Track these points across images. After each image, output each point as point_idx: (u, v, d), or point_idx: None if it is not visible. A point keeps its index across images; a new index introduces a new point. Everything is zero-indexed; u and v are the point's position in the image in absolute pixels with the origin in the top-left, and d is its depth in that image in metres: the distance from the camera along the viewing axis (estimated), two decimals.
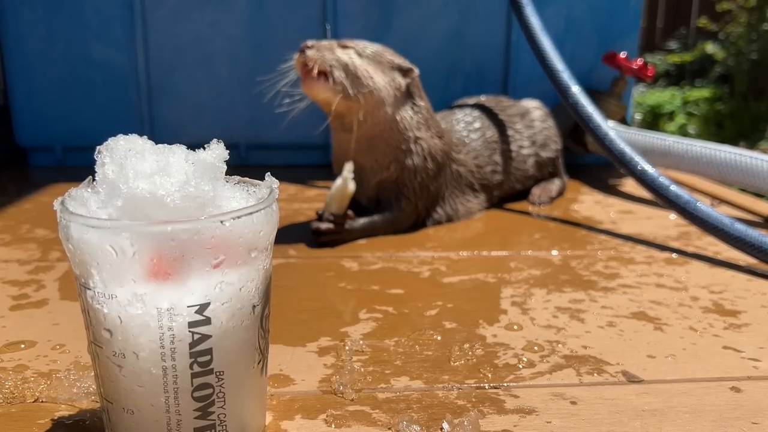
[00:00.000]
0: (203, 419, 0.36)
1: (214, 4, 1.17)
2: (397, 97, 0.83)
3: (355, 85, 0.79)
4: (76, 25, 1.16)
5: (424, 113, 0.85)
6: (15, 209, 0.96)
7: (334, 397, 0.47)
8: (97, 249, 0.33)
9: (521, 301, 0.65)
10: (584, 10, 1.21)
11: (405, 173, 0.84)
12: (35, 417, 0.44)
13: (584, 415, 0.45)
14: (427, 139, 0.85)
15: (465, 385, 0.49)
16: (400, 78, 0.83)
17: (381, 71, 0.82)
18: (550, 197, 1.02)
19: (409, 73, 0.84)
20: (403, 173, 0.84)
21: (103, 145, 0.37)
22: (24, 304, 0.62)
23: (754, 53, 2.91)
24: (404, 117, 0.83)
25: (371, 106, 0.81)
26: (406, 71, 0.84)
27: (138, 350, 0.35)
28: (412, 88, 0.85)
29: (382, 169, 0.85)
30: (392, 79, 0.82)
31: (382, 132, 0.83)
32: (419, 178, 0.85)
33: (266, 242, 0.37)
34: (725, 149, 0.96)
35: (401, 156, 0.84)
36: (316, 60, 0.79)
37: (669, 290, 0.68)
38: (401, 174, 0.84)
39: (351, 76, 0.79)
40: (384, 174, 0.85)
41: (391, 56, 0.84)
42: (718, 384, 0.50)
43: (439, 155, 0.86)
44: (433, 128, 0.86)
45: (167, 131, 1.20)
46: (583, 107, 0.91)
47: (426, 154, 0.85)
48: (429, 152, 0.85)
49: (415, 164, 0.84)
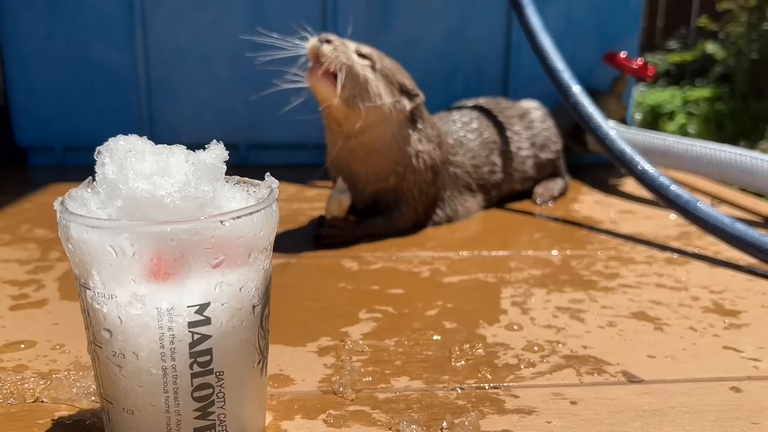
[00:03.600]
0: (203, 419, 0.36)
1: (213, 4, 1.17)
2: (399, 119, 0.82)
3: (360, 97, 0.78)
4: (75, 24, 1.16)
5: (426, 129, 0.85)
6: (15, 209, 0.96)
7: (334, 397, 0.47)
8: (97, 249, 0.33)
9: (521, 301, 0.65)
10: (584, 10, 1.21)
11: (404, 183, 0.84)
12: (35, 417, 0.44)
13: (584, 415, 0.45)
14: (428, 151, 0.84)
15: (465, 386, 0.49)
16: (406, 101, 0.82)
17: (390, 91, 0.80)
18: (552, 196, 1.02)
19: (415, 98, 0.83)
20: (401, 183, 0.84)
21: (103, 146, 0.37)
22: (24, 304, 0.62)
23: (754, 53, 2.91)
24: (405, 136, 0.82)
25: (372, 121, 0.80)
26: (412, 96, 0.83)
27: (138, 350, 0.35)
28: (415, 112, 0.84)
29: (380, 181, 0.84)
30: (398, 101, 0.81)
31: (381, 148, 0.82)
32: (418, 187, 0.85)
33: (266, 242, 0.37)
34: (725, 149, 0.96)
35: (401, 170, 0.83)
36: (331, 59, 0.76)
37: (669, 290, 0.68)
38: (400, 184, 0.84)
39: (359, 87, 0.78)
40: (381, 185, 0.84)
41: (402, 77, 0.83)
42: (719, 384, 0.50)
43: (438, 163, 0.86)
44: (435, 139, 0.86)
45: (167, 131, 1.20)
46: (584, 107, 0.91)
47: (428, 166, 0.85)
48: (431, 164, 0.85)
49: (415, 177, 0.84)
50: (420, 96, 0.84)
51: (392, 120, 0.81)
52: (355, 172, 0.84)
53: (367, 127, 0.80)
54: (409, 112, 0.83)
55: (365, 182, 0.84)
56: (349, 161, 0.84)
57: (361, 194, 0.86)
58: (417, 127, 0.84)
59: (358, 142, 0.81)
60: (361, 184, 0.85)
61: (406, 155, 0.83)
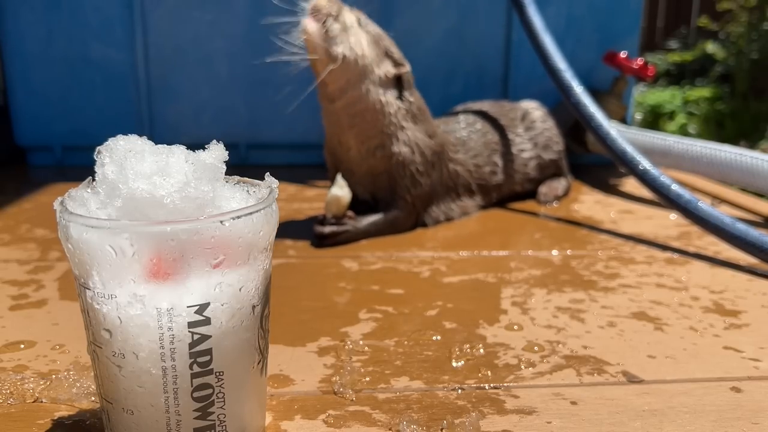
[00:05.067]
0: (203, 419, 0.36)
1: (213, 4, 1.17)
2: (382, 79, 0.82)
3: (343, 44, 0.80)
4: (75, 24, 1.16)
5: (413, 109, 0.85)
6: (14, 209, 0.96)
7: (334, 398, 0.47)
8: (97, 249, 0.33)
9: (521, 301, 0.65)
10: (585, 10, 1.21)
11: (393, 164, 0.84)
12: (35, 417, 0.44)
13: (584, 415, 0.45)
14: (414, 131, 0.85)
15: (465, 386, 0.49)
16: (390, 66, 0.83)
17: (374, 49, 0.82)
18: (556, 196, 1.02)
19: (400, 67, 0.84)
20: (390, 163, 0.84)
21: (102, 146, 0.37)
22: (23, 304, 0.62)
23: (754, 52, 2.91)
24: (389, 101, 0.83)
25: (353, 74, 0.81)
26: (398, 64, 0.84)
27: (137, 350, 0.34)
28: (402, 81, 0.84)
29: (369, 155, 0.84)
30: (382, 61, 0.83)
31: (364, 110, 0.82)
32: (408, 172, 0.84)
33: (266, 242, 0.37)
34: (726, 149, 0.96)
35: (387, 141, 0.83)
36: (322, 7, 0.80)
37: (669, 290, 0.68)
38: (389, 164, 0.84)
39: (344, 35, 0.80)
40: (371, 161, 0.84)
41: (389, 44, 0.85)
42: (719, 384, 0.49)
43: (428, 152, 0.86)
44: (423, 125, 0.86)
45: (167, 131, 1.20)
46: (585, 107, 0.91)
47: (413, 145, 0.84)
48: (416, 145, 0.85)
49: (402, 154, 0.84)
50: (405, 66, 0.84)
51: (374, 79, 0.82)
52: (345, 146, 0.84)
53: (349, 85, 0.81)
54: (394, 78, 0.84)
55: (357, 159, 0.84)
56: (338, 133, 0.84)
57: (357, 175, 0.85)
58: (403, 96, 0.84)
59: (342, 104, 0.82)
60: (354, 161, 0.85)
61: (389, 126, 0.83)
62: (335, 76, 0.81)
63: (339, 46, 0.80)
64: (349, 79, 0.81)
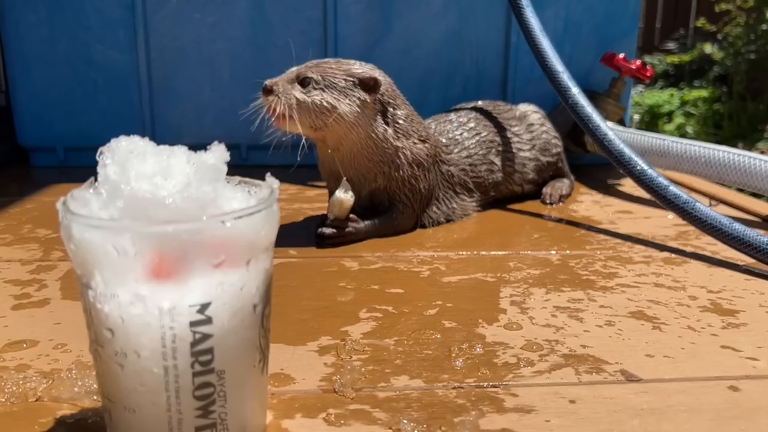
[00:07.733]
0: (204, 418, 0.36)
1: (215, 6, 1.17)
2: (366, 114, 0.82)
3: (319, 118, 0.80)
4: (77, 26, 1.16)
5: (401, 122, 0.85)
6: (17, 209, 0.96)
7: (334, 396, 0.47)
8: (99, 249, 0.34)
9: (520, 301, 0.65)
10: (583, 12, 1.22)
11: (393, 183, 0.85)
12: (37, 416, 0.44)
13: (583, 413, 0.45)
14: (409, 147, 0.85)
15: (465, 384, 0.49)
16: (363, 94, 0.81)
17: (344, 95, 0.81)
18: (560, 195, 1.03)
19: (374, 87, 0.82)
20: (391, 183, 0.85)
21: (105, 147, 0.37)
22: (26, 303, 0.63)
23: (752, 54, 2.91)
24: (379, 132, 0.83)
25: (342, 132, 0.81)
26: (370, 86, 0.81)
27: (139, 349, 0.35)
28: (383, 99, 0.83)
29: (370, 182, 0.85)
30: (356, 98, 0.81)
31: (360, 150, 0.83)
32: (408, 185, 0.86)
33: (267, 242, 0.38)
34: (723, 150, 0.97)
35: (386, 169, 0.84)
36: (275, 105, 0.80)
37: (667, 290, 0.68)
38: (389, 183, 0.85)
39: (312, 113, 0.80)
40: (373, 185, 0.85)
41: (347, 74, 0.81)
42: (716, 383, 0.50)
43: (424, 159, 0.86)
44: (415, 133, 0.86)
45: (169, 132, 1.20)
46: (583, 108, 0.92)
47: (410, 161, 0.85)
48: (413, 159, 0.85)
49: (401, 174, 0.85)
50: (378, 80, 0.82)
51: (361, 120, 0.82)
52: (348, 179, 0.85)
53: (343, 139, 0.82)
54: (377, 102, 0.83)
55: (358, 185, 0.85)
56: (337, 168, 0.85)
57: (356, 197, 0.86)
58: (388, 119, 0.84)
59: (341, 154, 0.83)
60: (355, 188, 0.85)
61: (386, 154, 0.84)
62: (327, 137, 0.82)
63: (317, 122, 0.80)
64: (340, 136, 0.82)
